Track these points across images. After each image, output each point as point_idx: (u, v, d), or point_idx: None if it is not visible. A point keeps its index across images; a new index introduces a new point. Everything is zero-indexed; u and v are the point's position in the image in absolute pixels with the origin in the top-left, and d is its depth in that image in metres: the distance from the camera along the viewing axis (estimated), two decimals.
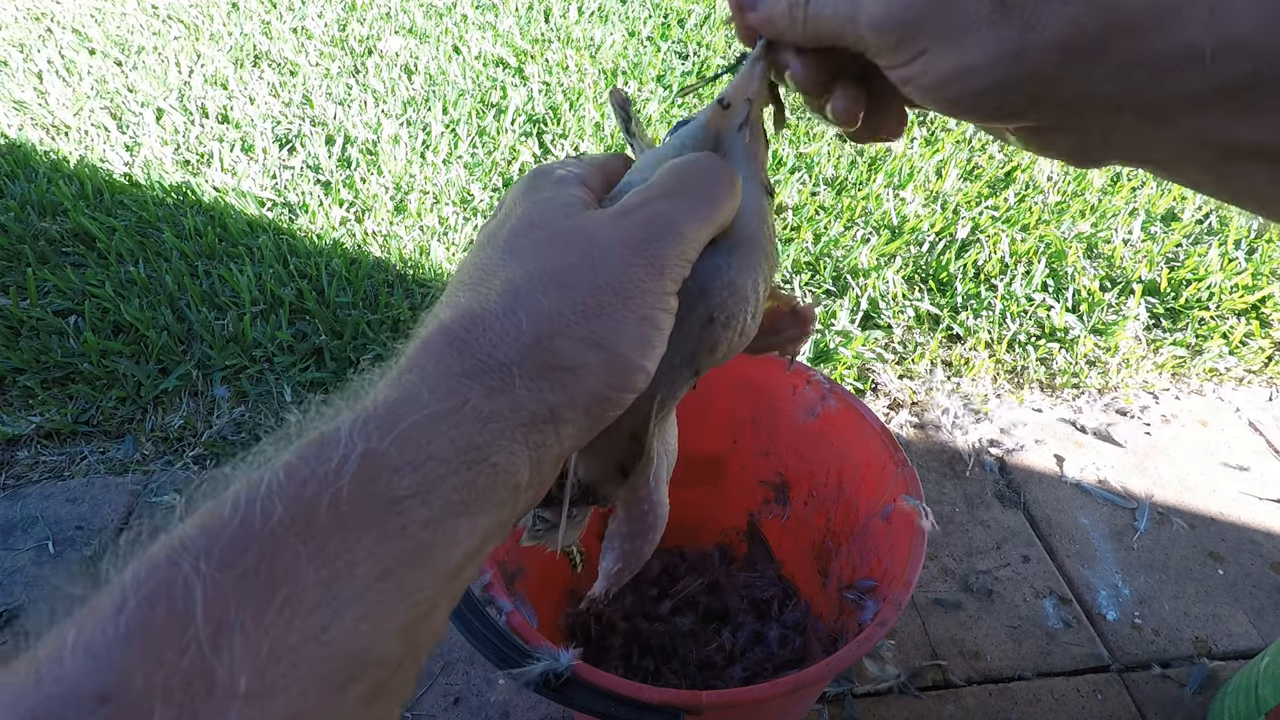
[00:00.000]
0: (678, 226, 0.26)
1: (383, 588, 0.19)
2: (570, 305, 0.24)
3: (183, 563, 0.17)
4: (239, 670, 0.16)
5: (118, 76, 1.83)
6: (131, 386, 1.12)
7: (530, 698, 0.81)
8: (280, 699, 0.17)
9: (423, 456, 0.21)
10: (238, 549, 0.18)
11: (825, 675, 0.51)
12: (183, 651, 0.16)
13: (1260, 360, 1.26)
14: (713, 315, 0.27)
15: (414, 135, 1.65)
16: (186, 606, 0.17)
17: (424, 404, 0.22)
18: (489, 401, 0.22)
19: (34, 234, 1.35)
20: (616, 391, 0.24)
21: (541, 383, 0.23)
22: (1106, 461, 1.10)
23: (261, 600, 0.17)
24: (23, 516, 0.98)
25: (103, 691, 0.16)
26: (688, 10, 2.24)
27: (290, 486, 0.19)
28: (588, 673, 0.49)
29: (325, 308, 1.23)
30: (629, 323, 0.24)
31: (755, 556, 0.86)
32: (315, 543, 0.18)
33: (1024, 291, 1.32)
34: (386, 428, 0.21)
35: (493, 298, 0.25)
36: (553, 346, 0.24)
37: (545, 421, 0.23)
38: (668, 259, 0.25)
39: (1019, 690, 0.84)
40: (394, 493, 0.20)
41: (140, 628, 0.16)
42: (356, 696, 0.18)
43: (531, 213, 0.27)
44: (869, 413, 0.69)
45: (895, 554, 0.62)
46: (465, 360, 0.23)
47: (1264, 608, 0.93)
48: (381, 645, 0.19)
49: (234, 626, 0.17)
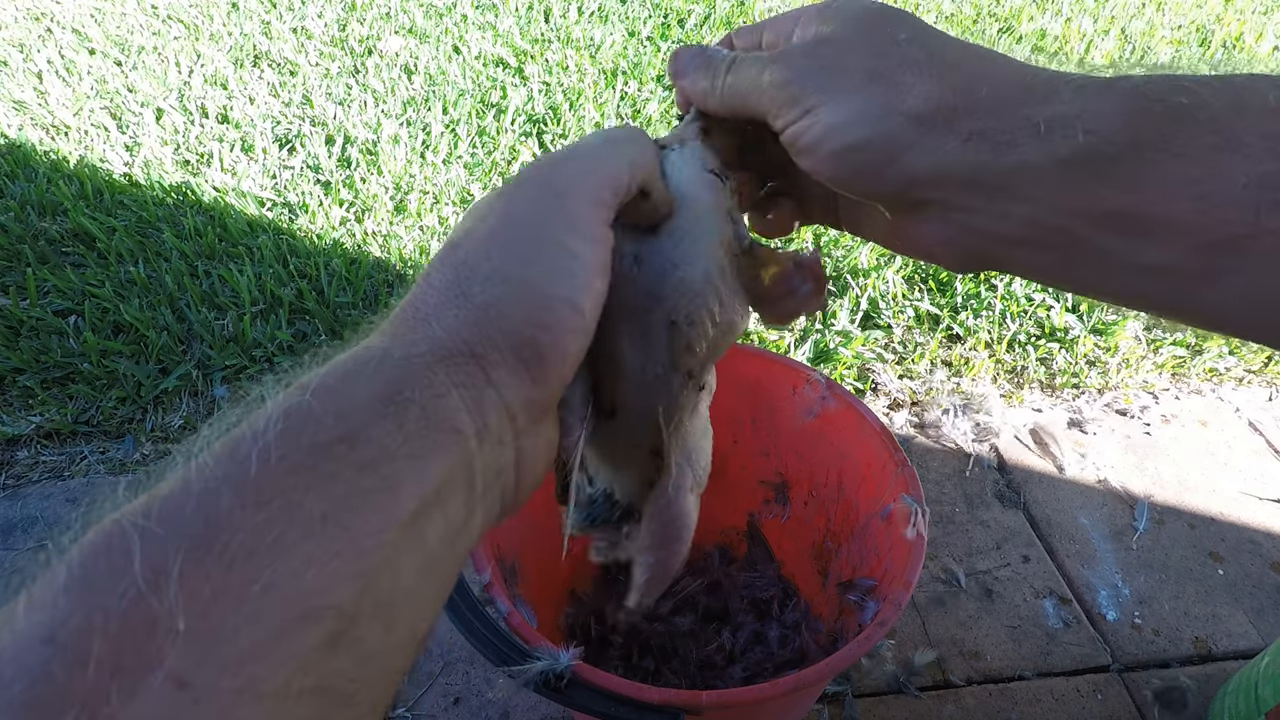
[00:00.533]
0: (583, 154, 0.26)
1: (324, 530, 0.19)
2: (485, 248, 0.24)
3: (123, 520, 0.18)
4: (178, 610, 0.17)
5: (118, 76, 1.83)
6: (131, 386, 1.12)
7: (530, 698, 0.81)
8: (226, 638, 0.17)
9: (344, 405, 0.21)
10: (175, 506, 0.19)
11: (825, 675, 0.51)
12: (121, 595, 0.17)
13: (1260, 360, 1.26)
14: (673, 318, 0.27)
15: (414, 135, 1.65)
16: (125, 556, 0.18)
17: (343, 363, 0.22)
18: (405, 348, 0.23)
19: (34, 234, 1.35)
20: (537, 329, 0.24)
21: (455, 322, 0.24)
22: (1106, 461, 1.10)
23: (199, 546, 0.18)
24: (23, 516, 0.98)
25: (47, 634, 0.16)
26: (688, 10, 2.24)
27: (224, 451, 0.20)
28: (588, 673, 0.49)
29: (325, 308, 1.23)
30: (538, 253, 0.24)
31: (755, 556, 0.86)
32: (250, 492, 0.19)
33: (1024, 291, 1.32)
34: (306, 386, 0.22)
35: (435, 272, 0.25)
36: (466, 290, 0.24)
37: (465, 358, 0.23)
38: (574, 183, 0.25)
39: (1019, 690, 0.84)
40: (319, 439, 0.20)
41: (82, 577, 0.17)
42: (312, 641, 0.18)
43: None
44: (869, 413, 0.69)
45: (895, 554, 0.62)
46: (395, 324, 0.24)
47: (1264, 608, 0.93)
48: (333, 590, 0.19)
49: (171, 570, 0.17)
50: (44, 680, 0.16)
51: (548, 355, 0.24)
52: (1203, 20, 2.28)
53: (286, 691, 0.18)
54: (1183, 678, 0.85)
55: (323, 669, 0.19)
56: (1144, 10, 2.32)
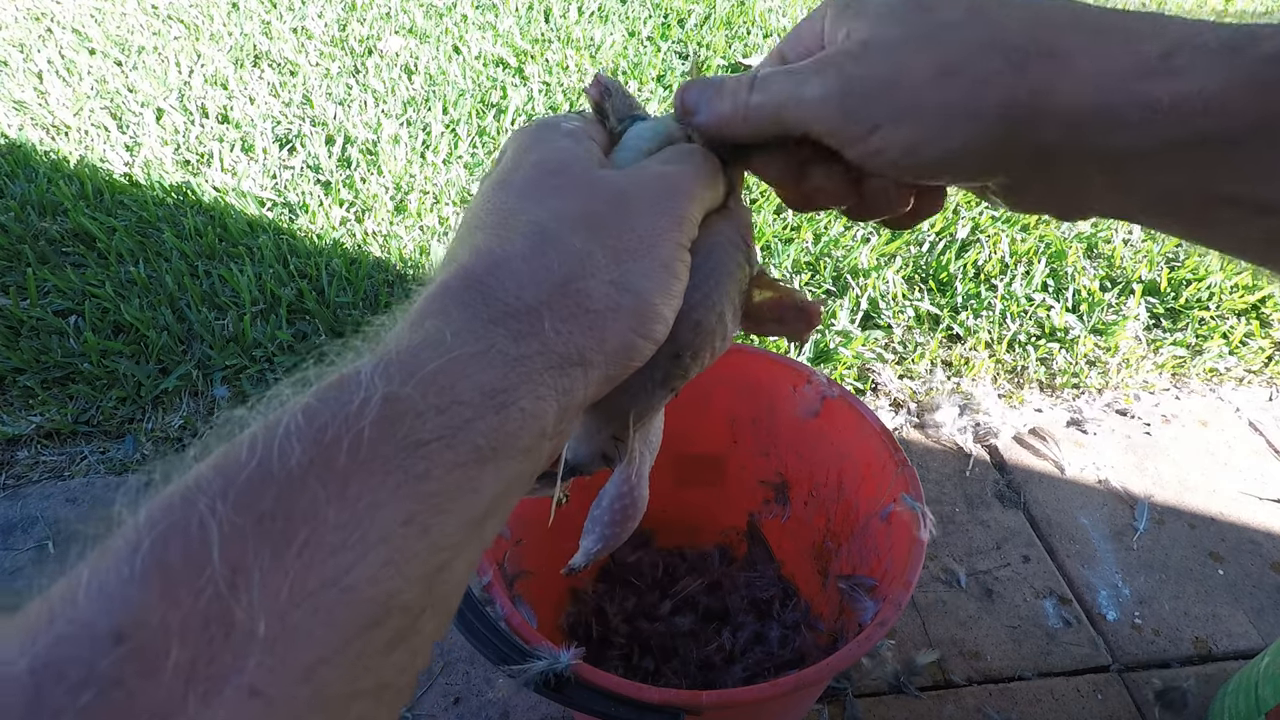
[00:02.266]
0: (690, 188, 0.27)
1: (406, 533, 0.18)
2: (601, 248, 0.24)
3: (198, 503, 0.17)
4: (258, 613, 0.16)
5: (118, 76, 1.83)
6: (131, 386, 1.12)
7: (530, 698, 0.81)
8: (301, 643, 0.16)
9: (447, 400, 0.20)
10: (255, 490, 0.17)
11: (825, 675, 0.51)
12: (199, 592, 0.16)
13: (1260, 360, 1.26)
14: (679, 352, 0.28)
15: (414, 135, 1.65)
16: (203, 547, 0.16)
17: (448, 348, 0.21)
18: (516, 345, 0.22)
19: (34, 234, 1.35)
20: (641, 339, 0.24)
21: (572, 325, 0.23)
22: (1106, 461, 1.10)
23: (280, 543, 0.17)
24: (23, 516, 0.98)
25: (118, 630, 0.15)
26: (688, 10, 2.24)
27: (309, 430, 0.18)
28: (587, 673, 0.49)
29: (325, 308, 1.24)
30: (654, 269, 0.25)
31: (755, 556, 0.86)
32: (336, 485, 0.18)
33: (1024, 291, 1.32)
34: (409, 371, 0.20)
35: (516, 239, 0.24)
36: (585, 289, 0.23)
37: (574, 365, 0.23)
38: (685, 214, 0.26)
39: (1019, 690, 0.84)
40: (417, 436, 0.19)
41: (155, 567, 0.16)
42: (379, 643, 0.18)
43: (549, 160, 0.27)
44: (869, 412, 0.69)
45: (895, 554, 0.62)
46: (491, 304, 0.23)
47: (1264, 608, 0.93)
48: (404, 591, 0.18)
49: (252, 569, 0.16)
50: (116, 686, 0.15)
51: (636, 360, 0.25)
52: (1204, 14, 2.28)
53: (351, 693, 0.17)
54: (1184, 678, 0.85)
55: (382, 667, 0.18)
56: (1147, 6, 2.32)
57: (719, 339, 0.28)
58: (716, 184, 0.29)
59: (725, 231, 0.29)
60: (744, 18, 2.23)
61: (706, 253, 0.28)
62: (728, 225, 0.29)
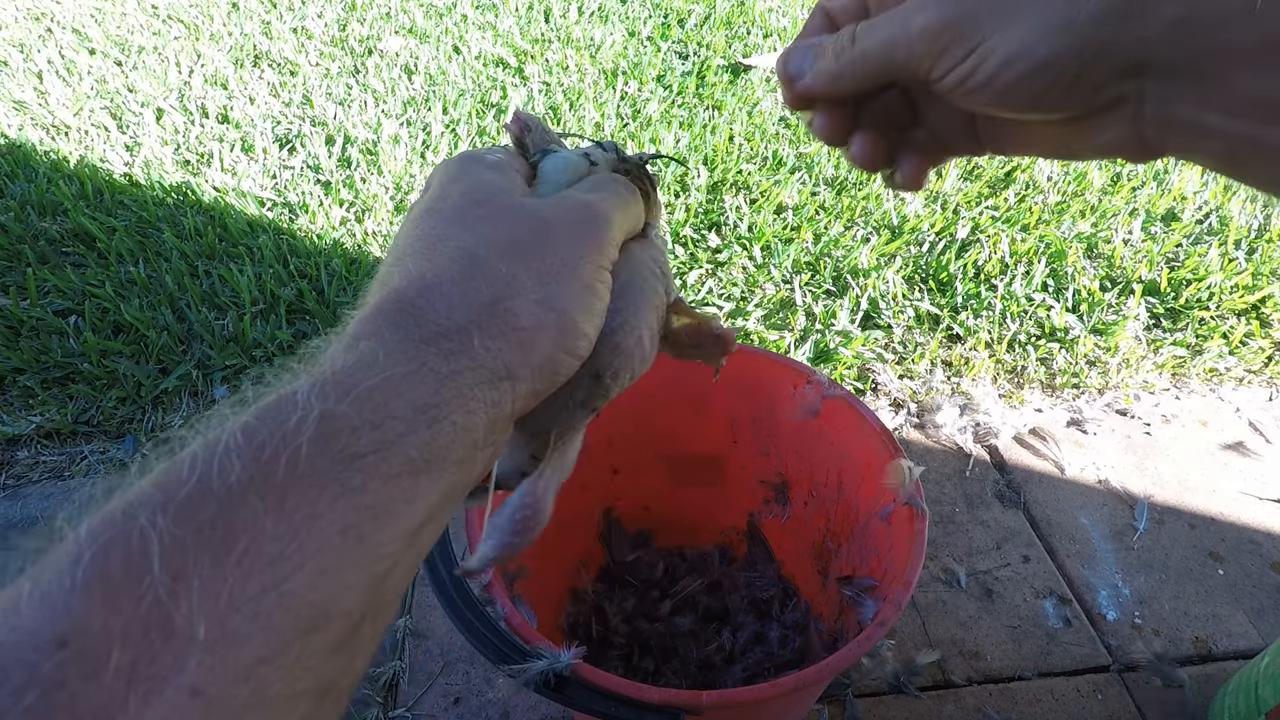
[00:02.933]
0: (610, 215, 0.29)
1: (343, 542, 0.19)
2: (525, 272, 0.26)
3: (139, 516, 0.18)
4: (197, 617, 0.17)
5: (118, 76, 1.83)
6: (131, 386, 1.12)
7: (530, 698, 0.81)
8: (240, 645, 0.17)
9: (381, 416, 0.21)
10: (195, 504, 0.18)
11: (825, 675, 0.51)
12: (139, 599, 0.16)
13: (1260, 360, 1.26)
14: (599, 372, 0.29)
15: (414, 135, 1.65)
16: (143, 557, 0.17)
17: (382, 367, 0.22)
18: (447, 362, 0.23)
19: (34, 234, 1.35)
20: (565, 354, 0.26)
21: (500, 342, 0.24)
22: (1106, 461, 1.10)
23: (219, 552, 0.18)
24: (23, 516, 0.98)
25: (60, 636, 0.16)
26: (688, 10, 2.24)
27: (249, 447, 0.19)
28: (587, 673, 0.49)
29: (325, 308, 1.24)
30: (577, 289, 0.26)
31: (755, 556, 0.86)
32: (274, 498, 0.19)
33: (1024, 291, 1.32)
34: (345, 390, 0.21)
35: (445, 264, 0.25)
36: (512, 308, 0.25)
37: (503, 379, 0.24)
38: (605, 239, 0.28)
39: (1019, 690, 0.84)
40: (353, 450, 0.20)
41: (96, 576, 0.17)
42: (318, 646, 0.19)
43: (475, 190, 0.28)
44: (869, 412, 0.69)
45: (895, 554, 0.62)
46: (422, 325, 0.24)
47: (1264, 608, 0.93)
48: (343, 598, 0.19)
49: (191, 576, 0.17)
50: (58, 688, 0.15)
51: (560, 375, 0.26)
52: None
53: (291, 693, 0.18)
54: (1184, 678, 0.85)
55: (323, 669, 0.19)
56: None
57: (638, 361, 0.30)
58: (635, 212, 0.31)
59: (644, 260, 0.31)
60: (744, 18, 2.23)
61: (626, 280, 0.30)
62: (646, 254, 0.31)
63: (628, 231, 0.30)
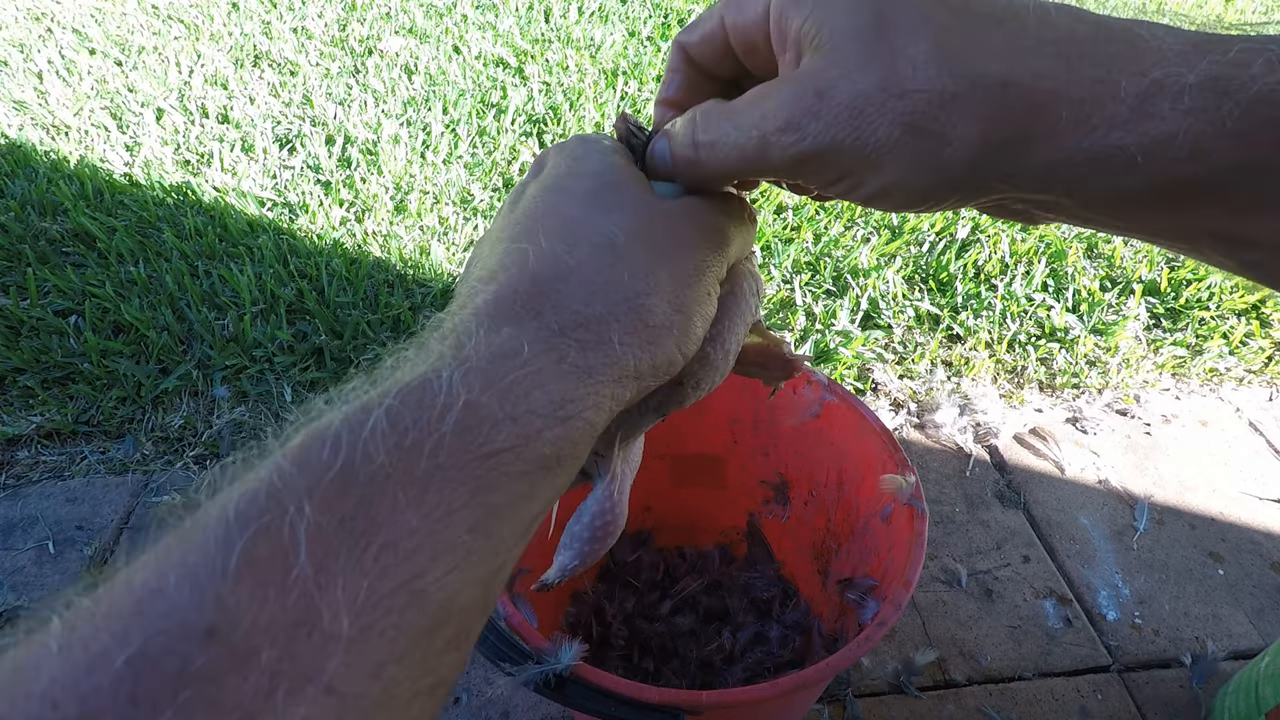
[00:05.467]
0: (734, 231, 0.29)
1: (471, 541, 0.19)
2: (663, 268, 0.25)
3: (285, 501, 0.17)
4: (341, 614, 0.17)
5: (118, 76, 1.83)
6: (131, 386, 1.12)
7: (530, 697, 0.81)
8: (375, 643, 0.17)
9: (520, 409, 0.21)
10: (339, 492, 0.18)
11: (825, 675, 0.51)
12: (286, 592, 0.16)
13: (1260, 360, 1.25)
14: (683, 379, 0.29)
15: (414, 135, 1.65)
16: (290, 546, 0.17)
17: (525, 359, 0.22)
18: (584, 357, 0.23)
19: (34, 234, 1.35)
20: (682, 357, 0.26)
21: (634, 338, 0.24)
22: (1106, 461, 1.10)
23: (361, 545, 0.17)
24: (23, 516, 0.98)
25: (210, 626, 0.15)
26: (688, 10, 2.24)
27: (393, 433, 0.19)
28: (587, 672, 0.49)
29: (325, 308, 1.23)
30: (700, 294, 0.26)
31: (755, 556, 0.86)
32: (414, 491, 0.19)
33: (1024, 291, 1.32)
34: (488, 380, 0.21)
35: (584, 249, 0.25)
36: (649, 305, 0.24)
37: (631, 379, 0.24)
38: (726, 252, 0.28)
39: (1019, 690, 0.84)
40: (492, 445, 0.20)
41: (245, 565, 0.16)
42: (440, 643, 0.19)
43: (606, 173, 0.28)
44: (869, 412, 0.69)
45: (895, 554, 0.62)
46: (561, 312, 0.23)
47: (1264, 608, 0.93)
48: (466, 594, 0.19)
49: (335, 570, 0.17)
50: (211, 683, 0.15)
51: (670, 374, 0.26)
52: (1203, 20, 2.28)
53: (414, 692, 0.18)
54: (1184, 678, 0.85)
55: (442, 666, 0.19)
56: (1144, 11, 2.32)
57: (719, 374, 0.30)
58: (748, 233, 0.31)
59: (747, 278, 0.31)
60: None
61: (727, 295, 0.30)
62: (749, 275, 0.32)
63: (739, 251, 0.30)
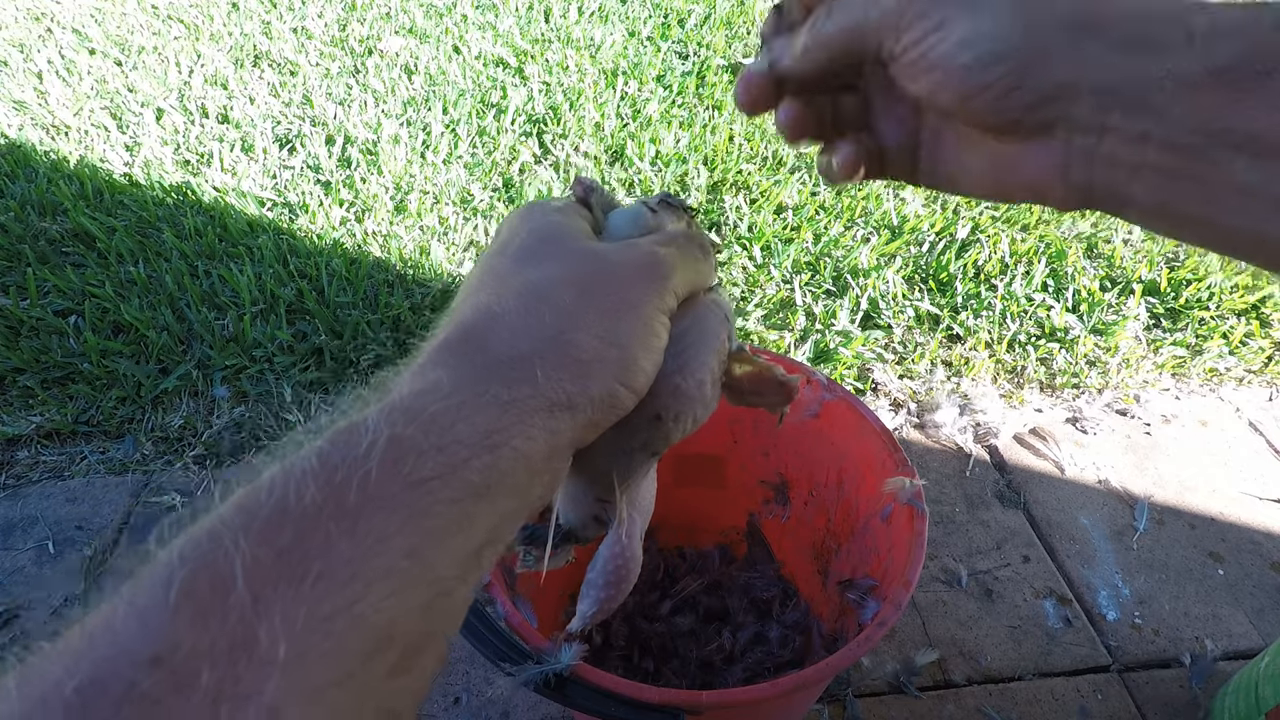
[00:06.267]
0: (672, 263, 0.30)
1: (408, 565, 0.20)
2: (589, 306, 0.27)
3: (224, 539, 0.19)
4: (278, 638, 0.17)
5: (118, 76, 1.83)
6: (131, 386, 1.12)
7: (530, 697, 0.81)
8: (314, 667, 0.18)
9: (446, 440, 0.22)
10: (274, 527, 0.19)
11: (825, 675, 0.51)
12: (225, 618, 0.17)
13: (1260, 360, 1.26)
14: (659, 414, 0.29)
15: (414, 135, 1.65)
16: (228, 578, 0.18)
17: (447, 393, 0.23)
18: (509, 390, 0.24)
19: (34, 234, 1.35)
20: (623, 387, 0.26)
21: (561, 372, 0.25)
22: (1106, 461, 1.10)
23: (297, 574, 0.18)
24: (23, 516, 0.98)
25: (155, 654, 0.17)
26: (688, 10, 2.24)
27: (323, 471, 0.20)
28: (587, 672, 0.49)
29: (325, 308, 1.24)
30: (638, 328, 0.27)
31: (755, 556, 0.86)
32: (346, 522, 0.20)
33: (1024, 291, 1.32)
34: (412, 415, 0.22)
35: (511, 297, 0.27)
36: (574, 340, 0.26)
37: (563, 409, 0.25)
38: (667, 285, 0.29)
39: (1019, 690, 0.84)
40: (419, 474, 0.21)
41: (186, 597, 0.17)
42: (382, 668, 0.19)
43: (542, 231, 0.30)
44: (869, 412, 0.69)
45: (895, 554, 0.62)
46: (487, 354, 0.25)
47: (1264, 608, 0.93)
48: (406, 620, 0.20)
49: (272, 598, 0.18)
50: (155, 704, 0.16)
51: (618, 409, 0.27)
52: None
53: (358, 716, 0.19)
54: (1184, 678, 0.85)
55: (386, 692, 0.20)
56: None
57: (699, 406, 0.30)
58: (701, 269, 0.31)
59: (709, 308, 0.31)
60: (744, 18, 2.23)
61: (688, 325, 0.30)
62: (712, 304, 0.32)
63: (691, 284, 0.31)
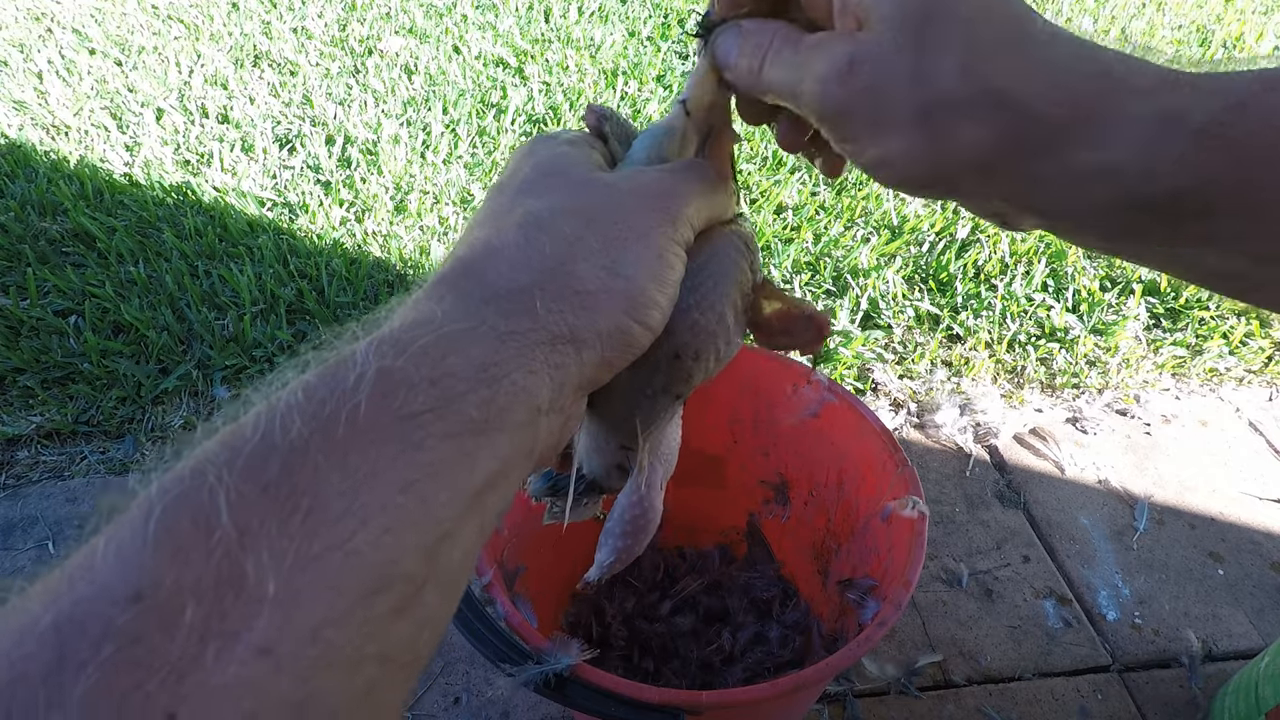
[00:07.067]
0: (688, 193, 0.28)
1: (404, 501, 0.19)
2: (593, 235, 0.25)
3: (207, 474, 0.18)
4: (267, 574, 0.17)
5: (118, 76, 1.83)
6: (131, 386, 1.12)
7: (530, 697, 0.81)
8: (307, 605, 0.17)
9: (439, 373, 0.21)
10: (259, 461, 0.18)
11: (825, 675, 0.51)
12: (209, 554, 0.17)
13: (1260, 360, 1.25)
14: (678, 352, 0.28)
15: (414, 135, 1.65)
16: (212, 513, 0.17)
17: (439, 324, 0.22)
18: (507, 321, 0.23)
19: (34, 234, 1.35)
20: (635, 322, 0.25)
21: (563, 304, 0.24)
22: (1106, 461, 1.10)
23: (286, 509, 0.18)
24: (23, 516, 0.98)
25: (135, 591, 0.16)
26: (688, 10, 2.24)
27: (309, 404, 0.19)
28: (587, 672, 0.49)
29: (325, 308, 1.23)
30: (647, 257, 0.26)
31: (755, 556, 0.86)
32: (336, 455, 0.19)
33: (1024, 291, 1.32)
34: (401, 347, 0.21)
35: (510, 229, 0.25)
36: (575, 270, 0.24)
37: (565, 342, 0.24)
38: (679, 212, 0.27)
39: (1019, 690, 0.84)
40: (411, 407, 0.20)
41: (167, 532, 0.17)
42: (382, 609, 0.19)
43: (547, 164, 0.28)
44: (869, 412, 0.69)
45: (895, 554, 0.62)
46: (484, 287, 0.24)
47: (1264, 608, 0.93)
48: (405, 559, 0.19)
49: (259, 533, 0.17)
50: (135, 642, 0.15)
51: (632, 346, 0.26)
52: (1203, 20, 2.28)
53: (357, 658, 0.18)
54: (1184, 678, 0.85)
55: (386, 636, 0.19)
56: (1144, 10, 2.32)
57: (721, 341, 0.29)
58: (718, 199, 0.30)
59: (728, 238, 0.30)
60: None
61: (707, 256, 0.29)
62: (731, 233, 0.30)
63: (708, 216, 0.29)
